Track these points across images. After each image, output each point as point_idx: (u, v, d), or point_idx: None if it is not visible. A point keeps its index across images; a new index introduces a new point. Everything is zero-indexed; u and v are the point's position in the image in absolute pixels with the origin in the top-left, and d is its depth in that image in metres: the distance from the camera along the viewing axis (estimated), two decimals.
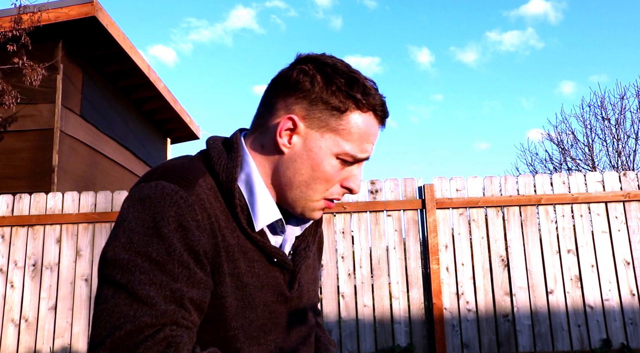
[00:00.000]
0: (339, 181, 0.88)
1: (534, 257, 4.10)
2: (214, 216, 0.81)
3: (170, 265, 0.73)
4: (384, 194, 4.29)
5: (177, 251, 0.74)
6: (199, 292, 0.75)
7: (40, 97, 5.51)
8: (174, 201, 0.76)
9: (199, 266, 0.76)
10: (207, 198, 0.81)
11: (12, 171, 5.44)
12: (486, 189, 4.26)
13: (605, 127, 9.71)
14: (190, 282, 0.74)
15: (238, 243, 0.83)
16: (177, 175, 0.80)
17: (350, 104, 0.84)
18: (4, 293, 4.32)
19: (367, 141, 0.86)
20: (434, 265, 4.10)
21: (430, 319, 4.07)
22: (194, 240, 0.76)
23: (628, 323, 3.95)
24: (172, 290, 0.72)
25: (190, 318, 0.74)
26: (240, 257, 0.83)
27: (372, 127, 0.87)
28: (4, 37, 4.92)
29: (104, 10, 5.59)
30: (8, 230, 4.44)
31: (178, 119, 8.61)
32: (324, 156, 0.85)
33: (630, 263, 4.05)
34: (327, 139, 0.85)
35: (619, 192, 4.15)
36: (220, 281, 0.80)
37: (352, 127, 0.84)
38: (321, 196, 0.88)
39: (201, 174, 0.83)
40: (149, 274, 0.72)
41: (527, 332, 3.99)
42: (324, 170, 0.85)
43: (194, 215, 0.77)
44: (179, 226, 0.75)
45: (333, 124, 0.84)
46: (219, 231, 0.81)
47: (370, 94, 0.85)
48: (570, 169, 10.05)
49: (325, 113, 0.84)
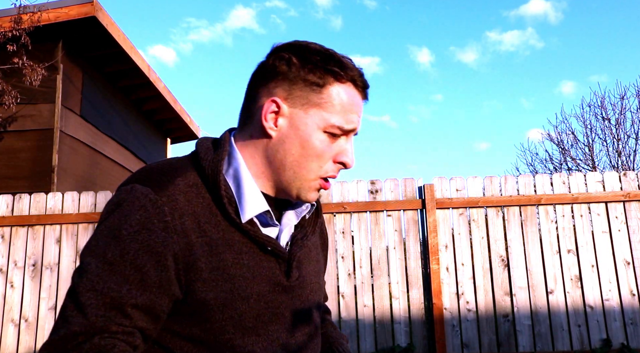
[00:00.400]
0: (332, 158, 0.89)
1: (534, 257, 4.09)
2: (190, 215, 0.81)
3: (121, 267, 0.75)
4: (384, 194, 4.29)
5: (131, 254, 0.76)
6: (150, 296, 0.76)
7: (40, 97, 5.51)
8: (141, 205, 0.78)
9: (158, 268, 0.77)
10: (184, 196, 0.82)
11: (12, 171, 5.44)
12: (486, 189, 4.26)
13: (606, 127, 9.72)
14: (142, 286, 0.76)
15: (223, 237, 0.84)
16: (151, 178, 0.82)
17: (328, 78, 0.86)
18: (4, 293, 4.32)
19: (351, 112, 0.88)
20: (434, 265, 4.10)
21: (430, 319, 4.07)
22: (158, 241, 0.77)
23: (628, 323, 3.95)
24: (113, 297, 0.74)
25: (131, 324, 0.75)
26: (225, 250, 0.83)
27: (354, 98, 0.89)
28: (4, 37, 4.92)
29: (104, 10, 5.59)
30: (8, 230, 4.44)
31: (178, 119, 8.61)
32: (311, 132, 0.86)
33: (630, 263, 4.05)
34: (312, 114, 0.86)
35: (619, 192, 4.15)
36: (197, 278, 0.80)
37: (334, 100, 0.86)
38: (316, 175, 0.89)
39: (181, 174, 0.85)
40: (96, 278, 0.74)
41: (527, 332, 3.99)
42: (313, 146, 0.86)
43: (161, 217, 0.78)
44: (142, 228, 0.77)
45: (315, 99, 0.86)
46: (197, 229, 0.81)
47: (348, 67, 0.88)
48: (570, 169, 10.06)
49: (306, 90, 0.86)
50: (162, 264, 0.77)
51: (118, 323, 0.74)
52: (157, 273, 0.77)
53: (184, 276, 0.80)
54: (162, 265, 0.77)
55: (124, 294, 0.74)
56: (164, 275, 0.78)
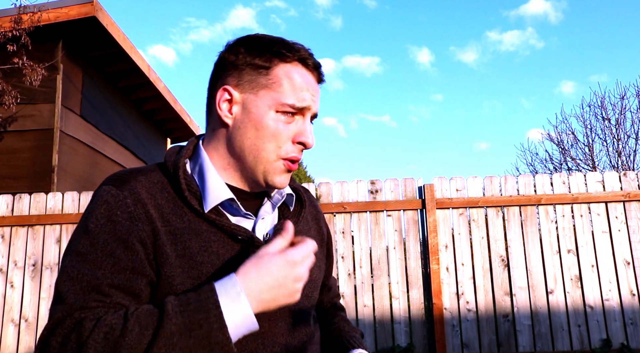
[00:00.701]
0: (290, 138, 0.90)
1: (534, 257, 4.10)
2: (153, 206, 0.86)
3: (92, 256, 0.81)
4: (384, 194, 4.29)
5: (100, 243, 0.82)
6: (125, 276, 0.81)
7: (40, 97, 5.51)
8: (104, 200, 0.85)
9: (128, 252, 0.82)
10: (146, 191, 0.87)
11: (12, 171, 5.44)
12: (486, 189, 4.26)
13: (606, 127, 9.72)
14: (115, 269, 0.81)
15: (189, 226, 0.87)
16: (116, 178, 0.89)
17: (274, 60, 0.89)
18: (4, 293, 4.32)
19: (301, 90, 0.89)
20: (434, 265, 4.10)
21: (430, 319, 4.07)
22: (123, 230, 0.83)
23: (628, 323, 3.96)
24: (89, 280, 0.79)
25: (108, 300, 0.79)
26: (191, 238, 0.86)
27: (303, 76, 0.90)
28: (4, 37, 4.92)
29: (104, 10, 5.59)
30: (8, 230, 4.44)
31: (178, 119, 8.62)
32: (263, 113, 0.88)
33: (630, 263, 4.05)
34: (262, 96, 0.89)
35: (619, 192, 4.15)
36: (164, 262, 0.84)
37: (282, 79, 0.88)
38: (276, 156, 0.90)
39: (145, 173, 0.91)
40: (71, 269, 0.80)
41: (527, 332, 3.99)
42: (267, 126, 0.88)
43: (124, 208, 0.84)
44: (107, 220, 0.83)
45: (263, 81, 0.89)
46: (161, 218, 0.86)
47: (294, 48, 0.90)
48: (570, 169, 10.06)
49: (254, 74, 0.89)
50: (130, 249, 0.82)
51: (97, 300, 0.79)
52: (128, 257, 0.82)
53: (153, 260, 0.84)
54: (131, 250, 0.82)
55: (99, 277, 0.79)
56: (135, 258, 0.82)
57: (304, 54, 0.90)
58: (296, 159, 0.91)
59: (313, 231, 1.08)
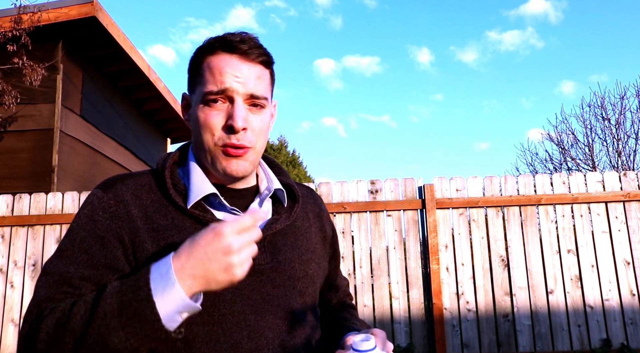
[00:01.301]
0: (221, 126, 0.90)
1: (534, 257, 4.10)
2: (137, 206, 0.90)
3: (70, 252, 0.86)
4: (384, 194, 4.29)
5: (78, 240, 0.87)
6: (98, 271, 0.85)
7: (40, 97, 5.51)
8: (89, 202, 0.91)
9: (103, 249, 0.86)
10: (132, 193, 0.91)
11: (12, 171, 5.44)
12: (486, 189, 4.26)
13: (605, 128, 9.72)
14: (89, 264, 0.85)
15: (172, 223, 0.90)
16: (105, 182, 0.94)
17: (201, 57, 0.92)
18: (4, 293, 4.33)
19: (220, 74, 0.89)
20: (434, 265, 4.10)
21: (430, 319, 4.07)
22: (102, 228, 0.87)
23: (628, 323, 3.96)
24: (61, 273, 0.84)
25: (77, 292, 0.83)
26: (174, 234, 0.89)
27: (222, 61, 0.90)
28: (4, 37, 4.92)
29: (104, 10, 5.59)
30: (8, 230, 4.44)
31: (178, 119, 8.61)
32: (196, 108, 0.92)
33: (630, 263, 4.05)
34: (197, 93, 0.93)
35: (619, 192, 4.15)
36: (143, 258, 0.87)
37: (205, 71, 0.91)
38: (212, 145, 0.91)
39: (135, 176, 0.95)
40: (49, 265, 0.86)
41: (527, 332, 3.99)
42: (198, 119, 0.91)
43: (106, 208, 0.89)
44: (89, 220, 0.88)
45: (196, 79, 0.93)
46: (144, 216, 0.89)
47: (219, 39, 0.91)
48: (570, 169, 10.06)
49: (192, 76, 0.95)
50: (106, 246, 0.86)
51: (65, 292, 0.83)
52: (103, 254, 0.86)
53: (132, 255, 0.87)
54: (107, 247, 0.86)
55: (71, 271, 0.84)
56: (109, 254, 0.86)
57: (228, 39, 0.91)
58: (230, 145, 0.90)
59: (314, 228, 1.07)
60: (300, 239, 1.01)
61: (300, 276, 0.97)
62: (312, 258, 1.02)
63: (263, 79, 0.93)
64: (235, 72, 0.90)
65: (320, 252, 1.06)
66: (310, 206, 1.10)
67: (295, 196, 1.03)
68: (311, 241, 1.04)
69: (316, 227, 1.08)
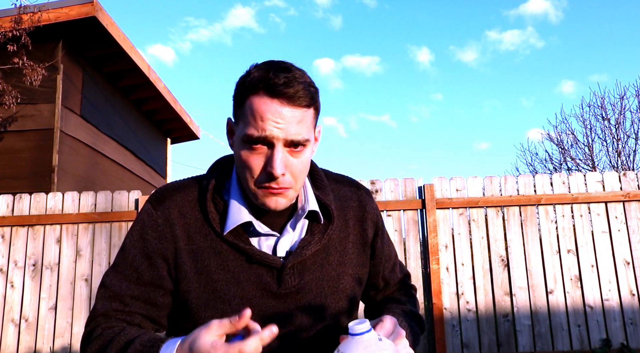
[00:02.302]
0: (261, 168, 0.91)
1: (534, 257, 4.10)
2: (181, 225, 0.97)
3: (122, 268, 0.97)
4: (384, 194, 4.29)
5: (130, 257, 0.96)
6: (146, 289, 0.95)
7: (40, 97, 5.51)
8: (141, 219, 0.99)
9: (151, 268, 0.96)
10: (178, 210, 0.97)
11: (12, 171, 5.44)
12: (486, 189, 4.26)
13: (605, 128, 9.72)
14: (138, 282, 0.95)
15: (211, 246, 0.96)
16: (156, 196, 1.00)
17: (245, 93, 0.91)
18: (4, 293, 4.32)
19: (262, 120, 0.88)
20: (434, 265, 4.10)
21: (430, 319, 4.07)
22: (150, 247, 0.96)
23: (628, 323, 3.96)
24: (115, 291, 0.95)
25: (128, 309, 0.95)
26: (211, 257, 0.95)
27: (264, 105, 0.88)
28: (4, 37, 4.92)
29: (104, 10, 5.59)
30: (8, 229, 4.44)
31: (178, 119, 8.61)
32: (237, 144, 0.94)
33: (630, 263, 4.05)
34: (239, 128, 0.93)
35: (619, 192, 4.15)
36: (182, 278, 0.96)
37: (247, 111, 0.90)
38: (253, 184, 0.92)
39: (184, 190, 1.00)
40: (107, 278, 0.97)
41: (527, 332, 3.99)
42: (238, 157, 0.93)
43: (155, 227, 0.96)
44: (140, 238, 0.97)
45: (239, 113, 0.93)
46: (187, 237, 0.96)
47: (264, 78, 0.89)
48: (570, 169, 10.06)
49: (236, 108, 0.95)
50: (154, 265, 0.95)
51: (116, 309, 0.94)
52: (150, 272, 0.95)
53: (174, 274, 0.96)
54: (154, 266, 0.95)
55: (123, 288, 0.95)
56: (155, 274, 0.95)
57: (270, 81, 0.88)
58: (271, 188, 0.90)
59: (352, 236, 1.05)
60: (332, 254, 1.00)
61: (328, 293, 0.99)
62: (345, 271, 1.02)
63: (305, 121, 0.91)
64: (277, 118, 0.88)
65: (357, 260, 1.05)
66: (353, 210, 1.07)
67: (330, 215, 1.01)
68: (346, 253, 1.03)
69: (355, 234, 1.06)
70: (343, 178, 1.12)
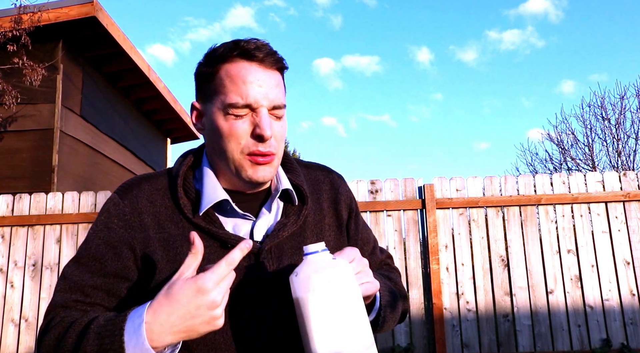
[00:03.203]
0: (249, 134, 0.90)
1: (534, 257, 4.10)
2: (151, 213, 0.93)
3: (85, 259, 0.92)
4: (384, 194, 4.29)
5: (93, 248, 0.92)
6: (109, 280, 0.90)
7: (40, 97, 5.51)
8: (106, 208, 0.94)
9: (115, 258, 0.91)
10: (147, 199, 0.94)
11: (12, 171, 5.44)
12: (486, 189, 4.26)
13: (605, 128, 9.72)
14: (101, 273, 0.90)
15: (182, 233, 0.92)
16: (122, 186, 0.97)
17: (217, 64, 0.90)
18: (4, 293, 4.32)
19: (244, 84, 0.88)
20: (434, 265, 4.10)
21: (430, 319, 4.07)
22: (115, 236, 0.91)
23: (628, 323, 3.96)
24: (76, 282, 0.90)
25: (89, 299, 0.89)
26: (183, 244, 0.91)
27: (245, 69, 0.88)
28: (4, 37, 4.92)
29: (104, 10, 5.59)
30: (8, 230, 4.44)
31: (178, 119, 8.61)
32: (217, 118, 0.91)
33: (630, 263, 4.05)
34: (214, 102, 0.91)
35: (619, 192, 4.15)
36: (153, 268, 0.91)
37: (224, 80, 0.89)
38: (239, 153, 0.90)
39: (152, 180, 0.97)
40: (68, 269, 0.92)
41: (527, 332, 3.99)
42: (221, 128, 0.90)
43: (121, 216, 0.92)
44: (104, 227, 0.92)
45: (212, 88, 0.91)
46: (157, 225, 0.92)
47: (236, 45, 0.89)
48: (570, 169, 10.06)
49: (205, 85, 0.93)
50: (118, 255, 0.90)
51: (76, 300, 0.89)
52: (114, 263, 0.90)
53: (142, 264, 0.91)
54: (119, 256, 0.90)
55: (85, 279, 0.90)
56: (120, 264, 0.90)
57: (244, 46, 0.89)
58: (259, 153, 0.90)
59: (328, 218, 1.04)
60: (309, 237, 0.99)
61: None
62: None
63: (281, 86, 0.93)
64: (259, 80, 0.89)
65: (335, 243, 1.04)
66: (326, 193, 1.06)
67: (303, 196, 1.01)
68: (323, 236, 1.02)
69: (330, 217, 1.04)
70: (314, 164, 1.12)
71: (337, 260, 0.80)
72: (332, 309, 0.76)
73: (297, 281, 0.79)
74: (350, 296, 0.78)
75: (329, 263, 0.79)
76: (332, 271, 0.78)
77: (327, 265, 0.78)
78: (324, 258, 0.79)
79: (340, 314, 0.76)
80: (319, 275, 0.77)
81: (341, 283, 0.77)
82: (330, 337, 0.76)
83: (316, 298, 0.76)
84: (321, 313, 0.76)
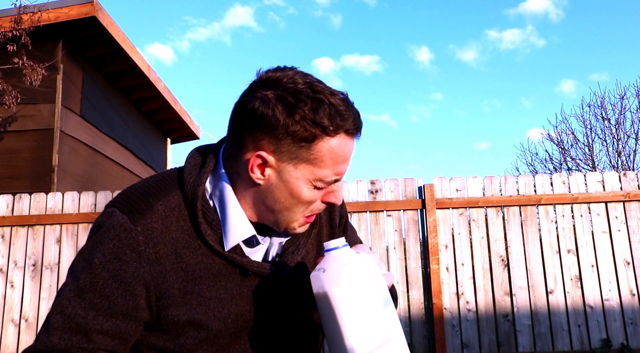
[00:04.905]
0: (320, 199, 0.88)
1: (534, 257, 4.10)
2: (167, 242, 0.83)
3: (90, 294, 0.80)
4: (384, 194, 4.29)
5: (101, 282, 0.80)
6: (116, 322, 0.81)
7: (40, 97, 5.51)
8: (116, 234, 0.81)
9: (126, 296, 0.81)
10: (162, 223, 0.83)
11: (12, 171, 5.44)
12: (486, 189, 4.26)
13: (605, 128, 9.72)
14: (109, 313, 0.80)
15: (201, 261, 0.85)
16: (131, 203, 0.84)
17: (317, 132, 0.80)
18: (4, 293, 4.32)
19: (341, 163, 0.84)
20: (434, 265, 4.10)
21: (430, 319, 4.07)
22: (128, 271, 0.80)
23: (628, 323, 3.96)
24: (79, 323, 0.79)
25: (92, 346, 0.80)
26: (202, 274, 0.85)
27: (344, 147, 0.83)
28: (4, 37, 4.92)
29: (104, 10, 5.59)
30: (8, 230, 4.44)
31: (178, 119, 8.61)
32: (301, 185, 0.83)
33: (630, 263, 4.05)
34: (302, 169, 0.83)
35: (619, 192, 4.15)
36: (169, 304, 0.83)
37: (324, 155, 0.81)
38: (303, 215, 0.88)
39: (163, 196, 0.86)
40: (67, 302, 0.80)
41: (527, 332, 3.99)
42: (303, 196, 0.84)
43: (134, 247, 0.81)
44: (114, 258, 0.80)
45: (304, 154, 0.81)
46: (173, 254, 0.83)
47: (339, 114, 0.80)
48: (570, 169, 10.06)
49: (294, 146, 0.81)
50: (130, 292, 0.81)
51: (79, 347, 0.79)
52: (125, 301, 0.81)
53: (155, 302, 0.83)
54: (131, 294, 0.81)
55: (89, 320, 0.79)
56: (131, 303, 0.81)
57: (348, 122, 0.82)
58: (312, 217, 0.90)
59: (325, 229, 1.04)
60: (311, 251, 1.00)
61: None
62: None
63: None
64: (349, 158, 0.86)
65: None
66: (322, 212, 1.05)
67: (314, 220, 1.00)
68: (322, 247, 1.02)
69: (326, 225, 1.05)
70: None
71: (361, 253, 0.82)
72: (364, 301, 0.77)
73: (325, 277, 0.78)
74: (379, 287, 0.79)
75: (355, 257, 0.80)
76: (360, 264, 0.79)
77: (354, 259, 0.79)
78: (348, 252, 0.80)
79: (372, 306, 0.77)
80: (348, 269, 0.77)
81: (370, 275, 0.79)
82: (364, 329, 0.76)
83: (348, 291, 0.77)
84: (354, 306, 0.77)
